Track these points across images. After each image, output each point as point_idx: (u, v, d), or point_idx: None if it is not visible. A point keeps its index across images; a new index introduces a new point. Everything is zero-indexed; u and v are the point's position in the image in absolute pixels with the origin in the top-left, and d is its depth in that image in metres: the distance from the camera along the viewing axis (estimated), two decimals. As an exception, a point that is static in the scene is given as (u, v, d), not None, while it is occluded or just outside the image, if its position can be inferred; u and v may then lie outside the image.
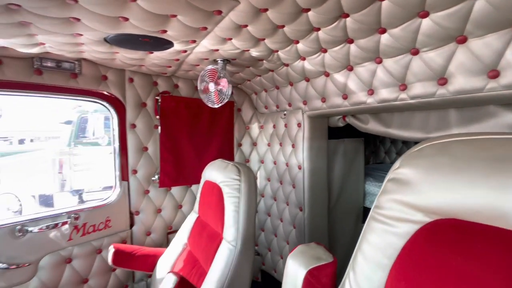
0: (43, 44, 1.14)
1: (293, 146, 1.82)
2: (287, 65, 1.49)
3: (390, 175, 0.61)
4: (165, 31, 1.04)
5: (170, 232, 1.90)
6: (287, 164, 1.88)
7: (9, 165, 5.16)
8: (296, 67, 1.46)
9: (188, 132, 1.90)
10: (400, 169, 0.59)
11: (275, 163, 2.01)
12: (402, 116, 1.34)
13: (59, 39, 1.08)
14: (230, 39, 1.16)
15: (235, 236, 1.19)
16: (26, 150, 5.71)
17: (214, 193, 1.38)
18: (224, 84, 1.46)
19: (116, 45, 1.20)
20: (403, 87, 1.11)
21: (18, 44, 1.10)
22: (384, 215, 0.60)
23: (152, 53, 1.34)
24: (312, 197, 1.77)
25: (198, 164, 1.92)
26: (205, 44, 1.22)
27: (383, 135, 1.51)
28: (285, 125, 1.87)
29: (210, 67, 1.48)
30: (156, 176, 1.80)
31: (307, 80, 1.54)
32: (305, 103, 1.66)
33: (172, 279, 0.90)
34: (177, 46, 1.23)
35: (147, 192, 1.78)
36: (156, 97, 1.77)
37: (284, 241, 1.94)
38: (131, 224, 1.72)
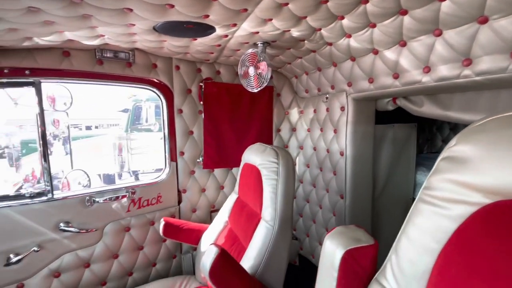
0: (103, 36, 1.27)
1: (335, 131, 1.75)
2: (330, 44, 1.41)
3: (444, 153, 0.55)
4: (207, 16, 1.07)
5: (213, 210, 2.02)
6: (328, 151, 1.82)
7: (79, 148, 5.99)
8: (340, 46, 1.37)
9: (229, 117, 1.96)
10: (457, 147, 0.53)
11: (315, 149, 1.96)
12: (465, 96, 1.18)
13: (115, 30, 1.19)
14: (270, 19, 1.14)
15: (272, 216, 1.22)
16: (92, 135, 6.57)
17: (253, 175, 1.42)
18: (263, 67, 1.45)
19: (163, 33, 1.27)
20: (467, 62, 0.96)
21: (82, 37, 1.25)
22: (434, 197, 0.55)
23: (195, 39, 1.39)
24: (355, 185, 1.69)
25: (238, 148, 1.98)
26: (246, 27, 1.22)
27: (441, 119, 1.35)
28: (327, 110, 1.80)
29: (250, 50, 1.48)
30: (201, 158, 1.92)
31: (353, 59, 1.44)
32: (349, 84, 1.57)
33: (214, 250, 0.97)
34: (218, 31, 1.25)
35: (192, 172, 1.91)
36: (200, 84, 1.85)
37: (323, 228, 1.91)
38: (179, 201, 1.88)
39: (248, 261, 1.17)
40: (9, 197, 1.35)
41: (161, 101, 1.79)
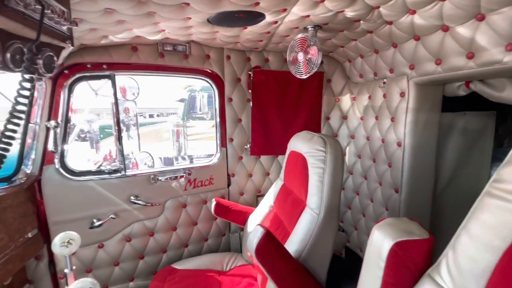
0: (164, 30, 1.40)
1: (392, 119, 1.61)
2: (390, 23, 1.28)
3: None
4: (257, 4, 1.08)
5: (259, 195, 2.10)
6: (383, 140, 1.69)
7: (144, 133, 6.76)
8: (402, 24, 1.23)
9: (277, 105, 1.96)
10: None
11: (368, 138, 1.84)
12: None
13: (174, 24, 1.30)
14: (322, 1, 1.09)
15: (318, 204, 1.21)
16: (154, 122, 7.33)
17: (299, 163, 1.42)
18: (313, 52, 1.41)
19: (216, 24, 1.33)
20: None
21: (147, 33, 1.39)
22: (504, 190, 0.48)
23: (246, 28, 1.42)
24: (413, 179, 1.54)
25: (285, 136, 1.98)
26: (296, 12, 1.20)
27: (529, 105, 1.13)
28: (384, 96, 1.66)
29: (300, 35, 1.44)
30: (248, 145, 1.99)
31: (417, 38, 1.29)
32: (412, 67, 1.41)
33: (260, 230, 1.02)
34: (268, 18, 1.26)
35: (240, 158, 2.00)
36: (249, 72, 1.89)
37: (373, 222, 1.81)
38: (228, 184, 2.00)
39: (292, 245, 1.20)
40: (92, 172, 1.63)
41: (213, 90, 1.89)
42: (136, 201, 1.67)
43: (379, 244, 0.64)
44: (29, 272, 1.47)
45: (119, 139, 1.68)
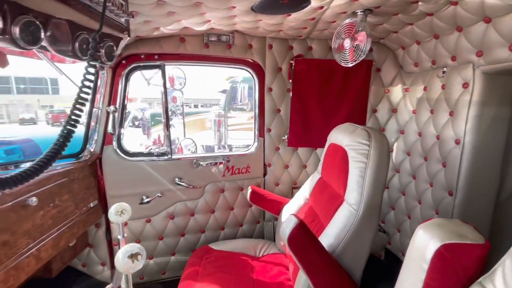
0: (209, 21, 1.44)
1: (451, 114, 1.43)
2: (455, 3, 1.13)
3: None
4: (302, -13, 1.04)
5: (294, 187, 2.08)
6: (438, 137, 1.52)
7: (189, 122, 7.17)
8: (470, 4, 1.07)
9: (318, 96, 1.90)
10: None
11: (420, 134, 1.67)
12: None
13: (219, 14, 1.33)
14: (375, -19, 1.00)
15: (357, 200, 1.15)
16: (198, 112, 7.73)
17: (338, 156, 1.36)
18: (361, 38, 1.31)
19: (260, 12, 1.33)
20: None
21: (194, 23, 1.45)
22: None
23: (289, 15, 1.38)
24: (471, 181, 1.37)
25: (325, 128, 1.91)
26: (344, -6, 1.13)
27: None
28: (443, 87, 1.48)
29: (348, 21, 1.36)
30: (286, 136, 1.97)
31: (487, 20, 1.11)
32: (479, 54, 1.22)
33: (293, 220, 1.02)
34: (314, 3, 1.20)
35: (277, 149, 2.00)
36: (291, 61, 1.86)
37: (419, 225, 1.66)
38: (264, 173, 2.03)
39: (326, 239, 1.17)
40: (144, 154, 1.79)
41: (254, 80, 1.91)
42: (179, 183, 1.81)
43: (423, 245, 0.59)
44: (90, 238, 1.71)
45: (167, 125, 1.82)
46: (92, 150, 1.64)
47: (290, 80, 1.88)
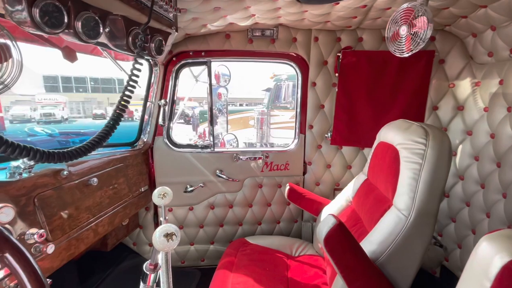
0: (254, 15, 1.44)
1: (535, 111, 1.18)
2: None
3: None
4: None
5: (336, 188, 1.97)
6: (516, 139, 1.27)
7: (233, 120, 7.40)
8: None
9: (367, 90, 1.75)
10: None
11: (492, 136, 1.42)
12: None
13: (263, 7, 1.32)
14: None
15: (408, 205, 1.03)
16: (243, 110, 7.92)
17: (388, 156, 1.23)
18: (421, 24, 1.16)
19: (306, 3, 1.28)
20: None
21: (239, 18, 1.47)
22: None
23: (338, 3, 1.30)
24: None
25: (374, 126, 1.75)
26: (401, -26, 1.01)
27: None
28: (526, 79, 1.22)
29: (405, 5, 1.21)
30: (329, 134, 1.88)
31: None
32: None
33: (332, 220, 0.95)
34: (365, -13, 1.11)
35: (319, 146, 1.91)
36: (338, 54, 1.75)
37: (487, 242, 1.41)
38: (304, 172, 1.96)
39: (369, 245, 1.07)
40: (189, 146, 1.90)
41: (297, 74, 1.85)
42: (220, 175, 1.87)
43: (487, 259, 0.48)
44: (140, 219, 1.88)
45: (211, 120, 1.89)
46: (145, 140, 1.80)
47: (336, 74, 1.78)
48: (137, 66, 0.73)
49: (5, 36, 0.72)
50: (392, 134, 1.26)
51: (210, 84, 1.83)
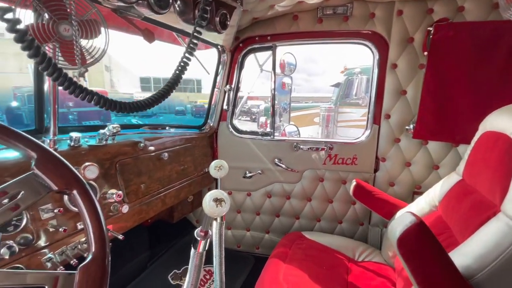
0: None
1: None
2: None
3: None
4: None
5: (416, 192, 1.65)
6: None
7: (296, 117, 7.22)
8: None
9: (467, 72, 1.39)
10: None
11: None
12: None
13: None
14: None
15: (528, 212, 0.75)
16: (308, 106, 7.66)
17: (498, 149, 0.93)
18: None
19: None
20: None
21: (309, -6, 1.37)
22: None
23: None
24: None
25: (475, 117, 1.38)
26: None
27: None
28: None
29: None
30: (411, 125, 1.58)
31: None
32: None
33: (410, 218, 0.77)
34: None
35: (397, 140, 1.64)
36: (428, 28, 1.45)
37: None
38: (376, 169, 1.71)
39: (461, 258, 0.83)
40: (250, 132, 1.91)
41: (373, 55, 1.63)
42: (279, 164, 1.81)
43: None
44: (203, 199, 2.00)
45: (273, 107, 1.85)
46: (211, 124, 1.90)
47: (425, 53, 1.48)
48: (196, 34, 0.75)
49: (96, 14, 0.83)
50: (504, 120, 0.96)
51: (274, 69, 1.79)
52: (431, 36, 1.43)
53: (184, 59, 0.74)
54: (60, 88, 0.55)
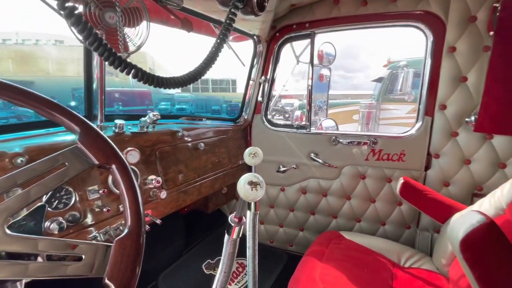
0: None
1: None
2: None
3: None
4: None
5: (477, 194, 1.43)
6: None
7: (333, 114, 6.89)
8: None
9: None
10: None
11: None
12: None
13: None
14: None
15: None
16: (346, 103, 7.26)
17: None
18: None
19: None
20: None
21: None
22: None
23: None
24: None
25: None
26: None
27: None
28: None
29: None
30: (473, 117, 1.37)
31: None
32: None
33: (477, 217, 0.65)
34: None
35: (455, 134, 1.44)
36: (495, 5, 1.24)
37: None
38: (427, 167, 1.53)
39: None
40: (284, 125, 1.85)
41: (426, 39, 1.45)
42: (315, 158, 1.72)
43: None
44: (236, 191, 1.99)
45: (309, 99, 1.77)
46: (245, 117, 1.89)
47: (491, 33, 1.27)
48: (233, 10, 0.73)
49: (138, 2, 0.86)
50: None
51: (312, 59, 1.71)
52: (497, 14, 1.22)
53: (221, 36, 0.73)
54: (106, 63, 0.58)
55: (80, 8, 0.77)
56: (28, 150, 0.81)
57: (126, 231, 0.44)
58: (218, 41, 0.72)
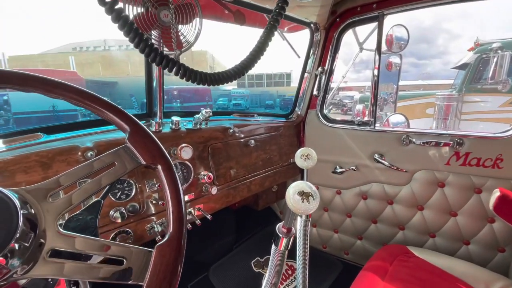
0: None
1: None
2: None
3: None
4: None
5: None
6: None
7: (404, 107, 6.08)
8: None
9: None
10: None
11: None
12: None
13: None
14: None
15: None
16: (418, 94, 6.31)
17: None
18: None
19: None
20: None
21: None
22: None
23: None
24: None
25: None
26: None
27: None
28: None
29: None
30: None
31: None
32: None
33: None
34: None
35: None
36: None
37: None
38: (536, 176, 1.18)
39: None
40: (343, 121, 1.67)
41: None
42: (380, 160, 1.50)
43: None
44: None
45: (375, 92, 1.55)
46: (299, 112, 1.78)
47: None
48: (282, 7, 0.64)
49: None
50: None
51: (379, 46, 1.49)
52: None
53: (271, 23, 0.65)
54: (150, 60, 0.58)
55: (131, 10, 0.79)
56: (97, 145, 0.90)
57: (167, 236, 0.43)
58: (267, 30, 0.65)
